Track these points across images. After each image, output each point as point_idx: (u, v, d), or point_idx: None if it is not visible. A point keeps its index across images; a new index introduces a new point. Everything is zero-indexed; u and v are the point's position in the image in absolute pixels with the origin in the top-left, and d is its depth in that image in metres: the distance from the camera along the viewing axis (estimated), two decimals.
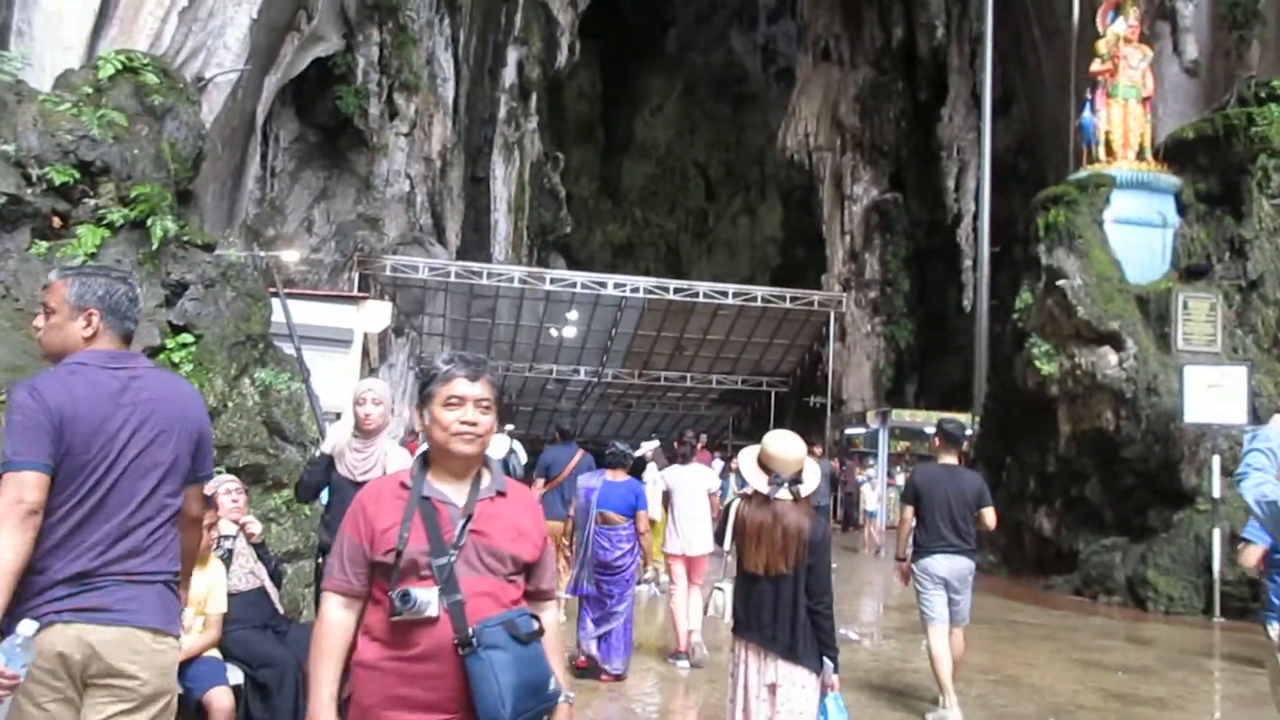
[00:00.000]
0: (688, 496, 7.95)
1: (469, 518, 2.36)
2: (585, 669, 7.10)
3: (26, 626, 2.36)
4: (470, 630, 2.25)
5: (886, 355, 32.22)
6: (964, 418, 23.12)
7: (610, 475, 7.35)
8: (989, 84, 20.07)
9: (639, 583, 8.94)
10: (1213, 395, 11.73)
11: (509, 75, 34.70)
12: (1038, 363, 13.78)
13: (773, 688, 3.99)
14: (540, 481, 9.08)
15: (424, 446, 2.54)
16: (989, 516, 6.45)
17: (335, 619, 2.37)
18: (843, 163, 33.24)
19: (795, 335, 31.26)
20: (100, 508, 2.60)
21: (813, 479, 4.18)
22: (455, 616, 2.26)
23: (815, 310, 29.22)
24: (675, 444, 8.87)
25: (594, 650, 7.10)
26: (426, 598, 2.25)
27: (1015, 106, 27.39)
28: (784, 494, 4.07)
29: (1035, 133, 25.86)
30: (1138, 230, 14.29)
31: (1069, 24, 18.84)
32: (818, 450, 11.44)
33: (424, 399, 2.45)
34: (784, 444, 4.20)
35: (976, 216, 21.65)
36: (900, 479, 18.97)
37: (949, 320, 31.54)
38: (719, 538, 4.42)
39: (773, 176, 48.00)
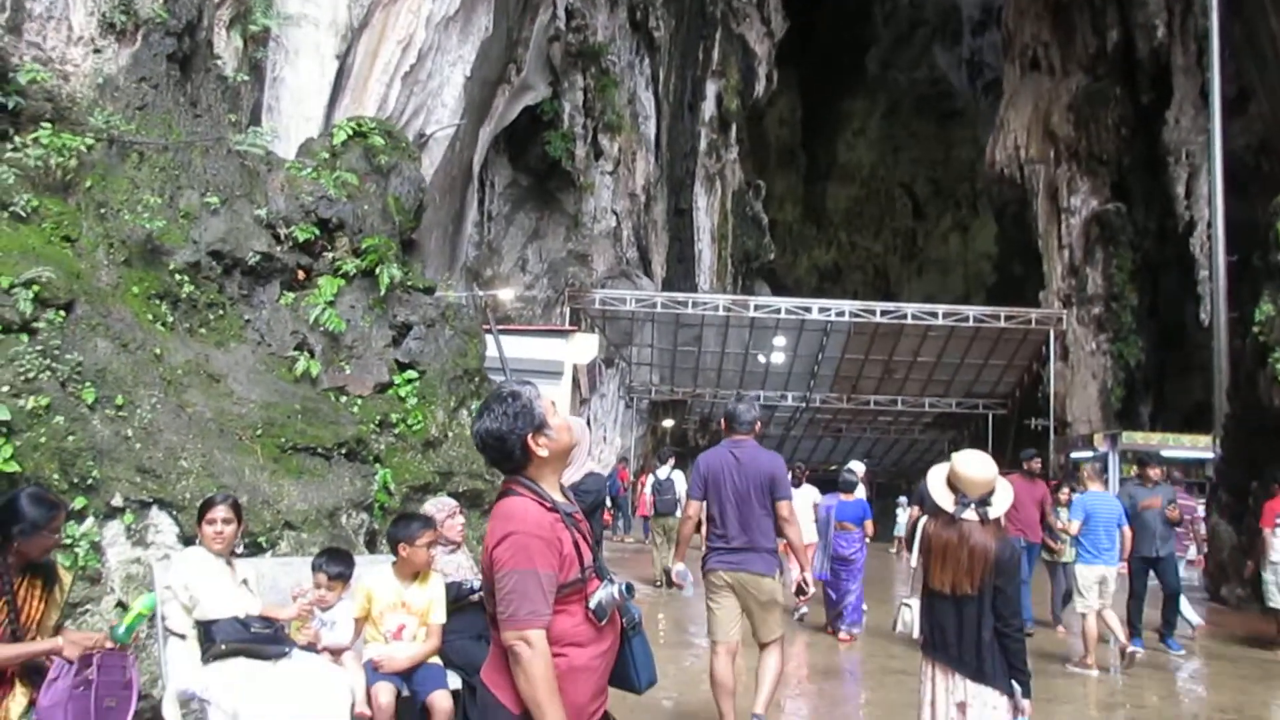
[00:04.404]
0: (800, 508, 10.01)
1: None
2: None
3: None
4: (633, 614, 2.63)
5: (1115, 375, 30.22)
6: (1204, 439, 21.44)
7: (844, 496, 9.90)
8: (1217, 82, 18.65)
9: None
10: None
11: (708, 108, 35.36)
12: None
13: (962, 706, 3.96)
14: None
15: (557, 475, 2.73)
16: None
17: (548, 653, 2.41)
18: (1057, 174, 31.65)
19: (1012, 355, 29.91)
20: (725, 515, 5.65)
21: (1003, 501, 4.12)
22: (622, 607, 2.59)
23: (1033, 329, 27.87)
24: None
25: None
26: (609, 594, 2.52)
27: (1252, 104, 25.22)
28: (970, 514, 4.04)
29: (1277, 130, 23.73)
30: None
31: None
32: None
33: (539, 424, 2.57)
34: (973, 465, 4.17)
35: (1210, 224, 20.10)
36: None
37: (1186, 336, 29.27)
38: (909, 545, 4.62)
39: (984, 192, 46.24)
